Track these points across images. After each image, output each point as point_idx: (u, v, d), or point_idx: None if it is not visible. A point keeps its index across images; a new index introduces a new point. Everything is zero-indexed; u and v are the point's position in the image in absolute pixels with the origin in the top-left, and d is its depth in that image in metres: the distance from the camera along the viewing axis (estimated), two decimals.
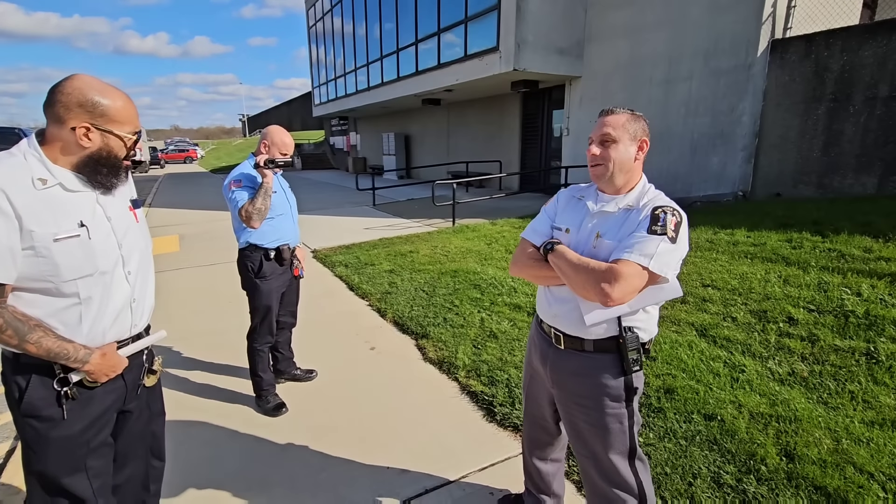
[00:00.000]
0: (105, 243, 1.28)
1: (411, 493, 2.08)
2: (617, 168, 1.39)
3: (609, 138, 1.39)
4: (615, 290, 1.24)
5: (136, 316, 1.39)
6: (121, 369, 1.34)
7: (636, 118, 1.42)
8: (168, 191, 14.93)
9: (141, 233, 1.44)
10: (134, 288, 1.37)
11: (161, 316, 4.22)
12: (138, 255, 1.39)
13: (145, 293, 1.43)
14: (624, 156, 1.39)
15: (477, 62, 10.10)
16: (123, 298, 1.34)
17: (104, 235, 1.28)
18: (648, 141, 1.44)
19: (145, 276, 1.43)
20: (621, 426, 1.43)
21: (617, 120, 1.40)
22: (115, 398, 1.38)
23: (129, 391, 1.42)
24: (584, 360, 1.45)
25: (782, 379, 2.76)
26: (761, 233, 5.47)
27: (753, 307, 3.68)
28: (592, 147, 1.42)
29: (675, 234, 1.29)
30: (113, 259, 1.30)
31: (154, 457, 1.63)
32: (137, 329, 1.41)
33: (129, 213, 1.39)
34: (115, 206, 1.34)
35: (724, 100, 7.75)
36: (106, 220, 1.30)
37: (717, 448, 2.22)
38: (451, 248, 6.22)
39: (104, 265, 1.27)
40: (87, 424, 1.31)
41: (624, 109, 1.43)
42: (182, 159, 35.56)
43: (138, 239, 1.41)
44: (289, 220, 2.65)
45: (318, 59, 21.31)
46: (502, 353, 3.23)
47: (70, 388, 1.26)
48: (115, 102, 1.24)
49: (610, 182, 1.42)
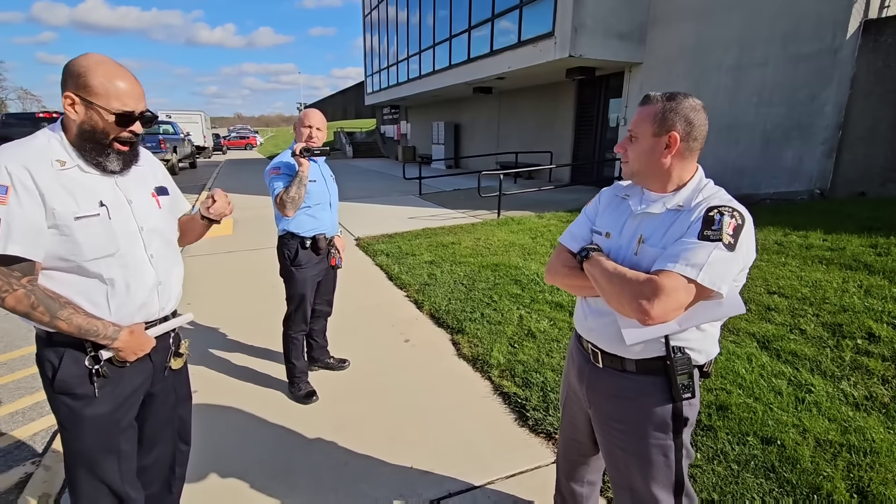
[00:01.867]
0: (125, 225, 1.30)
1: (434, 496, 2.00)
2: (640, 167, 1.24)
3: (632, 134, 1.24)
4: (655, 307, 1.06)
5: (164, 299, 1.41)
6: (149, 349, 1.36)
7: (673, 108, 1.17)
8: (227, 176, 15.65)
9: (163, 219, 1.44)
10: (158, 271, 1.38)
11: (207, 297, 4.39)
12: (160, 240, 1.40)
13: (170, 277, 1.44)
14: (645, 154, 1.21)
15: (531, 48, 9.76)
16: (150, 281, 1.36)
17: (124, 217, 1.30)
18: (680, 136, 1.17)
19: (170, 260, 1.44)
20: (665, 459, 1.25)
21: (645, 113, 1.21)
22: (143, 379, 1.41)
23: (156, 373, 1.45)
24: (625, 382, 1.27)
25: (857, 403, 2.44)
26: (840, 236, 4.93)
27: (826, 319, 3.30)
28: (621, 142, 1.29)
29: (732, 240, 1.08)
30: (134, 241, 1.32)
31: (181, 440, 1.65)
32: (165, 312, 1.43)
33: (151, 200, 1.40)
34: (136, 191, 1.36)
35: (803, 88, 7.04)
36: (126, 204, 1.32)
37: (774, 477, 1.99)
38: (495, 241, 6.07)
39: (125, 246, 1.29)
40: (117, 404, 1.34)
41: (663, 96, 1.19)
42: (243, 146, 37.25)
43: (160, 224, 1.41)
44: (326, 210, 2.62)
45: (372, 48, 21.51)
46: (539, 354, 3.09)
47: (101, 365, 1.29)
48: (101, 75, 1.20)
49: (643, 182, 1.27)
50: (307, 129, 2.46)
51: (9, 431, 2.53)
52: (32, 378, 3.02)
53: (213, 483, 2.06)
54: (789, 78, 7.18)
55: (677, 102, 1.18)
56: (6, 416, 2.67)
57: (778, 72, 7.31)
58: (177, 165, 16.42)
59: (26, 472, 2.19)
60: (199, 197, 10.92)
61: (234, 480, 2.09)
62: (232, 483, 2.08)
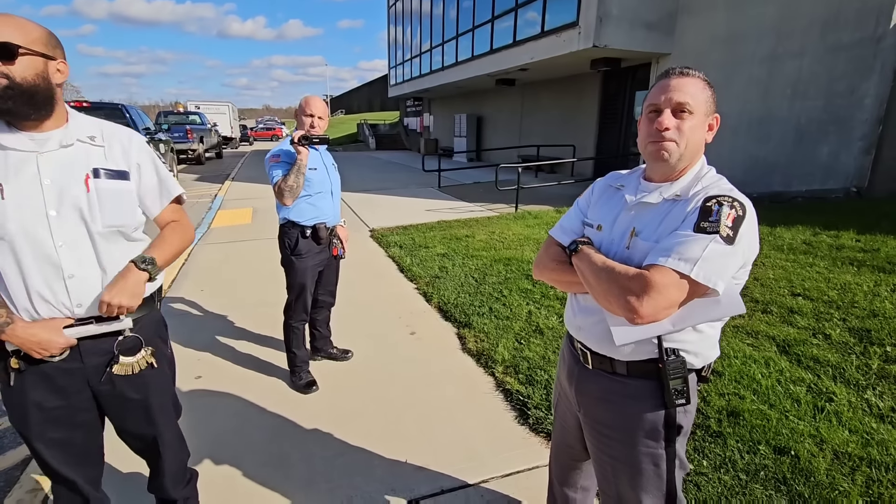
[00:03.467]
0: (23, 207, 1.15)
1: (426, 492, 1.97)
2: (688, 150, 1.10)
3: (686, 107, 1.07)
4: (644, 305, 0.98)
5: (76, 295, 1.24)
6: (54, 348, 1.22)
7: (710, 87, 1.12)
8: (252, 166, 15.90)
9: (97, 205, 1.24)
10: (65, 263, 1.21)
11: (221, 284, 4.45)
12: (82, 228, 1.23)
13: (91, 272, 1.25)
14: (697, 135, 1.10)
15: (554, 39, 9.54)
16: (50, 273, 1.20)
17: (25, 199, 1.16)
18: (719, 119, 1.15)
19: (92, 254, 1.26)
20: (656, 469, 1.17)
21: (695, 84, 1.09)
22: (72, 380, 1.30)
23: (91, 376, 1.32)
24: (614, 385, 1.19)
25: (882, 415, 2.29)
26: (875, 237, 4.67)
27: (854, 324, 3.12)
28: (663, 117, 1.08)
29: (731, 233, 0.99)
30: (37, 226, 1.17)
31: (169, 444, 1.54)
32: (82, 310, 1.26)
33: (80, 182, 1.22)
34: (62, 171, 1.21)
35: (842, 80, 6.66)
36: (38, 183, 1.17)
37: (785, 489, 1.88)
38: (509, 235, 5.97)
39: (14, 230, 1.15)
40: (39, 398, 1.27)
41: (699, 73, 1.11)
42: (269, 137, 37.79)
43: (88, 211, 1.23)
44: (327, 199, 2.59)
45: (396, 39, 21.45)
46: (545, 352, 3.01)
47: (9, 359, 1.23)
48: None
49: (671, 166, 1.12)
50: (309, 117, 2.43)
51: None
52: None
53: (207, 468, 2.07)
54: (827, 69, 6.81)
55: (710, 84, 1.13)
56: None
57: (815, 63, 6.94)
58: (203, 155, 16.78)
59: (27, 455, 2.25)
60: (223, 186, 11.14)
61: (228, 467, 2.09)
62: (225, 469, 2.08)
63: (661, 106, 1.09)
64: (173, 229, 1.45)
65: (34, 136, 1.19)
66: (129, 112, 9.65)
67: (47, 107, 1.18)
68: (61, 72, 1.20)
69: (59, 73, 1.19)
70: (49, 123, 1.21)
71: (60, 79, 1.20)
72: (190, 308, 3.87)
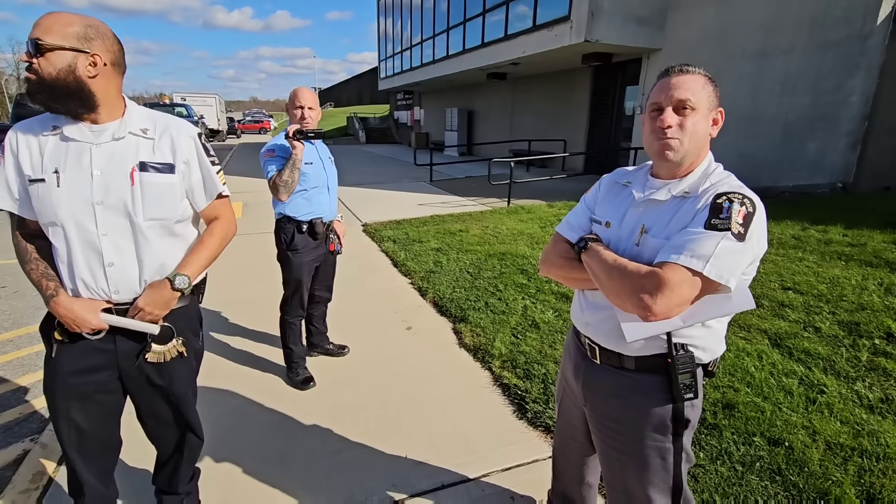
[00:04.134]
0: (73, 195, 1.23)
1: (427, 487, 1.97)
2: (693, 146, 1.10)
3: (688, 104, 1.08)
4: (657, 303, 0.98)
5: (114, 282, 1.31)
6: (86, 326, 1.29)
7: (712, 82, 1.13)
8: (240, 159, 15.70)
9: (139, 198, 1.29)
10: (106, 251, 1.28)
11: (212, 280, 4.38)
12: (124, 219, 1.29)
13: (129, 261, 1.32)
14: (702, 130, 1.10)
15: (546, 33, 9.53)
16: (92, 258, 1.28)
17: (79, 188, 1.24)
18: (724, 113, 1.15)
19: (140, 245, 1.32)
20: (663, 462, 1.19)
21: (696, 81, 1.09)
22: (104, 359, 1.37)
23: (122, 359, 1.39)
24: (623, 380, 1.20)
25: (872, 406, 2.34)
26: (861, 231, 4.76)
27: (843, 318, 3.18)
28: (666, 115, 1.09)
29: (742, 230, 1.00)
30: (84, 215, 1.25)
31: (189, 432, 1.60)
32: (119, 297, 1.33)
33: (125, 175, 1.28)
34: (111, 162, 1.27)
35: (829, 77, 6.76)
36: (89, 174, 1.25)
37: (780, 479, 1.91)
38: (503, 230, 5.98)
39: (65, 217, 1.24)
40: (72, 371, 1.35)
41: (699, 69, 1.12)
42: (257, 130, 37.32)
43: (131, 203, 1.28)
44: (324, 194, 2.56)
45: (386, 32, 21.26)
46: (542, 346, 3.02)
47: (57, 328, 1.33)
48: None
49: (676, 163, 1.12)
50: (299, 109, 2.39)
51: (11, 408, 2.56)
52: (37, 356, 3.05)
53: (206, 465, 2.04)
54: (815, 66, 6.91)
55: (712, 79, 1.14)
56: (9, 392, 2.70)
57: (803, 59, 7.04)
58: None
59: (24, 449, 2.20)
60: None
61: (227, 464, 2.07)
62: (225, 466, 2.06)
63: (662, 104, 1.10)
64: (212, 232, 1.50)
65: (93, 128, 1.26)
66: None
67: (77, 100, 1.21)
68: (95, 65, 1.20)
69: (93, 66, 1.20)
70: (104, 116, 1.27)
71: (94, 72, 1.20)
72: None
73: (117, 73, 1.27)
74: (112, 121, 1.28)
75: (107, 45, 1.22)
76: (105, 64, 1.22)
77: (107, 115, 1.27)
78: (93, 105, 1.23)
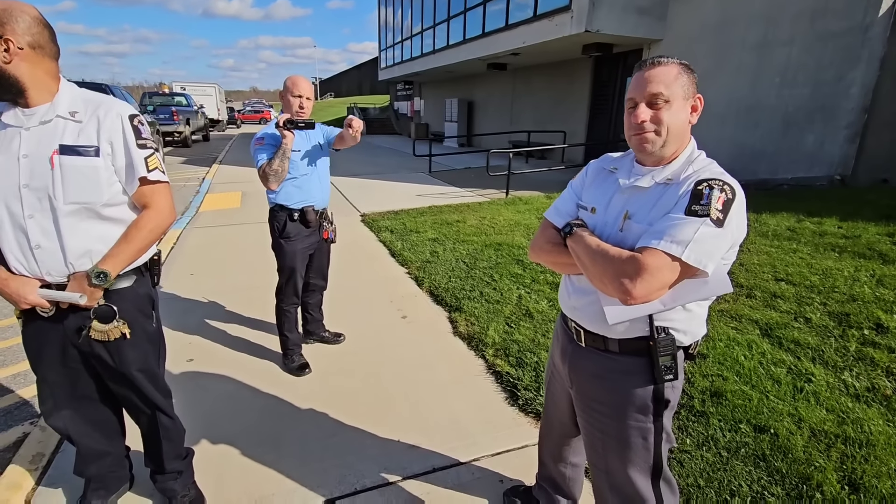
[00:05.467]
0: (3, 178, 1.27)
1: (419, 470, 2.01)
2: (671, 137, 1.12)
3: (660, 98, 1.11)
4: (637, 287, 1.01)
5: (44, 264, 1.34)
6: (23, 302, 1.34)
7: (688, 70, 1.15)
8: (239, 149, 15.65)
9: (61, 180, 1.29)
10: (31, 232, 1.30)
11: (211, 269, 4.42)
12: (47, 201, 1.29)
13: (53, 244, 1.33)
14: (678, 120, 1.12)
15: (546, 23, 9.46)
16: (22, 240, 1.31)
17: (6, 171, 1.27)
18: (702, 99, 1.17)
19: (66, 226, 1.32)
20: (644, 442, 1.22)
21: (668, 73, 1.11)
22: (57, 334, 1.45)
23: (69, 334, 1.45)
24: (607, 362, 1.24)
25: (858, 395, 2.38)
26: (856, 223, 4.78)
27: (834, 308, 3.21)
28: (639, 111, 1.12)
29: (721, 216, 1.02)
30: (8, 197, 1.28)
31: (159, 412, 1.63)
32: (52, 278, 1.36)
33: (47, 158, 1.28)
34: (38, 146, 1.28)
35: (829, 68, 6.73)
36: (16, 159, 1.27)
37: (764, 465, 1.95)
38: (500, 221, 6.00)
39: None
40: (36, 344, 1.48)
41: (672, 59, 1.14)
42: (257, 120, 37.12)
43: (53, 186, 1.28)
44: (315, 182, 2.57)
45: (386, 21, 21.08)
46: (535, 335, 3.06)
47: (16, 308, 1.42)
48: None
49: (657, 154, 1.15)
50: (297, 98, 2.40)
51: (10, 392, 2.60)
52: None
53: (203, 448, 2.09)
54: (815, 57, 6.87)
55: (689, 68, 1.15)
56: (9, 377, 2.74)
57: (804, 51, 6.99)
58: (189, 138, 16.45)
59: (24, 432, 2.25)
60: (210, 169, 10.97)
61: (224, 447, 2.12)
62: (221, 448, 2.11)
63: (636, 99, 1.14)
64: (137, 224, 1.43)
65: (25, 111, 1.27)
66: (114, 92, 9.42)
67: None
68: (8, 50, 1.18)
69: (6, 51, 1.18)
70: (35, 99, 1.27)
71: (7, 57, 1.19)
72: (179, 292, 3.84)
73: (41, 55, 1.24)
74: (43, 104, 1.28)
75: (21, 28, 1.19)
76: (21, 48, 1.19)
77: (38, 98, 1.27)
78: (18, 90, 1.23)
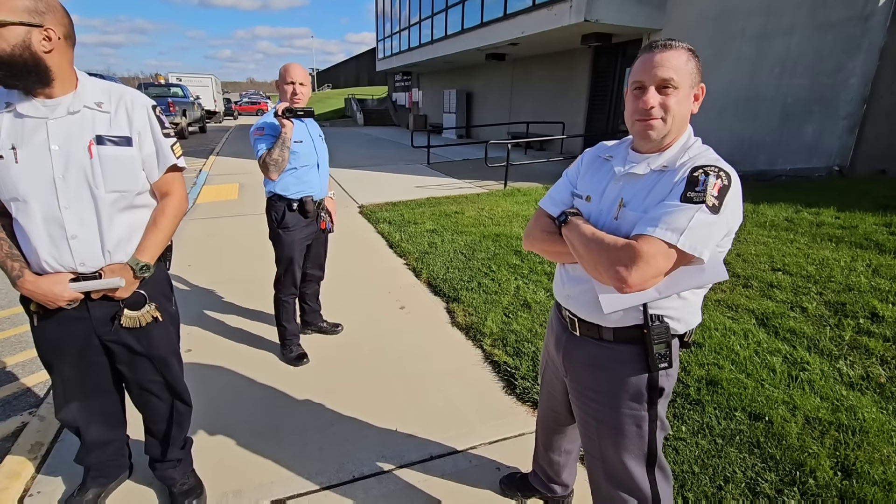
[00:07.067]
0: (34, 171, 1.25)
1: (416, 458, 2.03)
2: (675, 125, 1.10)
3: (671, 83, 1.07)
4: (633, 275, 1.00)
5: (79, 254, 1.33)
6: (60, 301, 1.33)
7: (695, 57, 1.12)
8: (236, 141, 15.56)
9: (98, 171, 1.31)
10: (67, 223, 1.30)
11: (209, 259, 4.42)
12: (85, 192, 1.31)
13: (92, 233, 1.34)
14: (684, 108, 1.10)
15: (545, 12, 9.38)
16: (55, 231, 1.30)
17: (38, 164, 1.25)
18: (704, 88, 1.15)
19: (101, 216, 1.34)
20: (638, 430, 1.23)
21: (678, 57, 1.08)
22: (81, 327, 1.44)
23: (98, 325, 1.44)
24: (601, 351, 1.24)
25: (852, 383, 2.40)
26: (854, 214, 4.79)
27: (830, 298, 3.23)
28: (648, 95, 1.08)
29: (717, 203, 1.01)
30: (45, 190, 1.27)
31: (177, 399, 1.67)
32: (86, 268, 1.36)
33: (84, 149, 1.29)
34: (69, 137, 1.28)
35: (829, 58, 6.70)
36: (46, 149, 1.26)
37: (758, 452, 1.97)
38: (498, 212, 5.99)
39: (26, 192, 1.26)
40: (55, 338, 1.45)
41: (682, 43, 1.11)
42: (254, 111, 36.86)
43: (91, 176, 1.30)
44: (314, 172, 2.56)
45: (384, 11, 20.89)
46: (533, 325, 3.07)
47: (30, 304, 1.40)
48: None
49: (658, 142, 1.13)
50: (290, 85, 2.38)
51: (9, 382, 2.61)
52: None
53: (201, 438, 2.10)
54: (815, 48, 6.83)
55: (695, 54, 1.13)
56: (9, 367, 2.74)
57: (804, 41, 6.95)
58: (186, 129, 16.34)
59: (23, 422, 2.25)
60: (207, 161, 10.91)
61: (222, 437, 2.13)
62: (220, 439, 2.12)
63: (645, 83, 1.09)
64: (164, 211, 1.49)
65: (46, 102, 1.25)
66: None
67: (34, 75, 1.20)
68: (50, 39, 1.19)
69: (48, 40, 1.18)
70: (58, 90, 1.26)
71: (49, 46, 1.19)
72: (177, 283, 3.84)
73: (69, 46, 1.26)
74: (65, 94, 1.28)
75: (58, 18, 1.20)
76: (59, 38, 1.20)
77: (61, 89, 1.26)
78: (49, 80, 1.23)
